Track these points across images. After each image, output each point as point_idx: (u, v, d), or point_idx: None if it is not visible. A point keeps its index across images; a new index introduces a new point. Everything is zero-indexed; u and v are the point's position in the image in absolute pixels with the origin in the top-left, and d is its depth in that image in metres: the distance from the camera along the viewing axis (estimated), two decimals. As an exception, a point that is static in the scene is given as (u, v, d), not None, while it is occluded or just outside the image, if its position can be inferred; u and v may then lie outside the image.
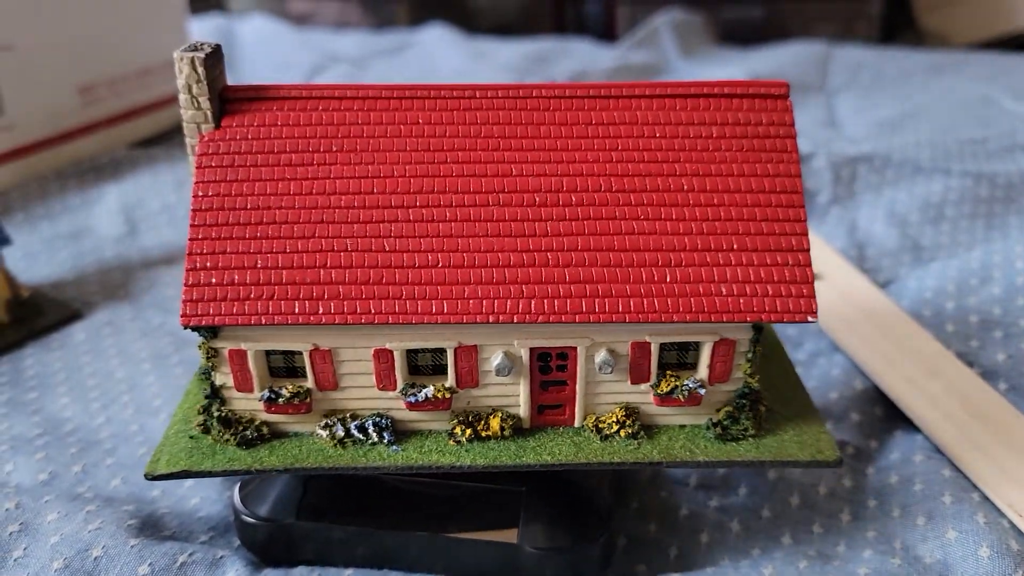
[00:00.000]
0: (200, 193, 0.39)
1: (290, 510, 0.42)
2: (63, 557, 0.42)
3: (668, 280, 0.38)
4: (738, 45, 1.38)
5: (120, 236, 0.78)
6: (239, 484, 0.44)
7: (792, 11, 1.73)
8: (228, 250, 0.38)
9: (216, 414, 0.40)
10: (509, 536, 0.41)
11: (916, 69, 1.19)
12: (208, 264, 0.38)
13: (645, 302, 0.38)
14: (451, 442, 0.41)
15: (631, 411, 0.42)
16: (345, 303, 0.38)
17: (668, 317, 0.38)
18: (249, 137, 0.40)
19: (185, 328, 0.38)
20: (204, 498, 0.49)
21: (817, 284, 0.66)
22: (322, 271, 0.38)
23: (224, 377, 0.40)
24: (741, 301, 0.38)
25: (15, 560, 0.42)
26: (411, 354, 0.40)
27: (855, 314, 0.62)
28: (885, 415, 0.54)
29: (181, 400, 0.44)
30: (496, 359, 0.40)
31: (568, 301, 0.38)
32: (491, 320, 0.38)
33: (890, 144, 0.89)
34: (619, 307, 0.38)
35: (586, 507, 0.43)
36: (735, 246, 0.39)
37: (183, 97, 0.39)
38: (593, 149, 0.40)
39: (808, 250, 0.39)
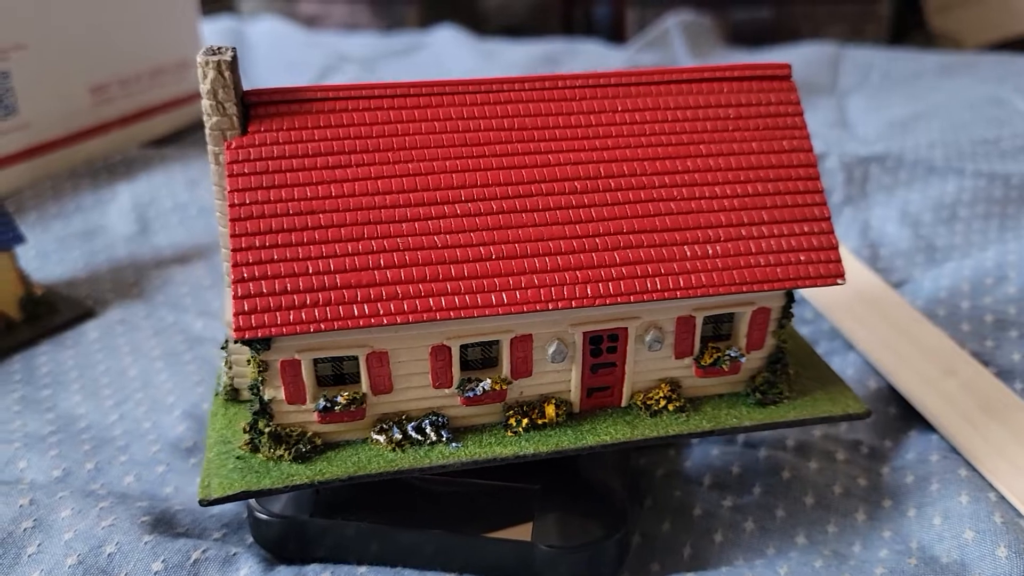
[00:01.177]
0: (237, 202, 0.38)
1: (304, 507, 0.42)
2: (77, 553, 0.42)
3: (711, 255, 0.40)
4: (748, 47, 1.38)
5: (132, 235, 0.79)
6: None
7: (801, 12, 1.72)
8: (276, 258, 0.37)
9: (266, 430, 0.39)
10: (523, 534, 0.41)
11: (927, 70, 1.18)
12: (256, 274, 0.37)
13: (693, 277, 0.40)
14: (508, 433, 0.41)
15: (675, 386, 0.43)
16: (405, 302, 0.37)
17: (715, 290, 0.40)
18: (280, 142, 0.39)
19: (237, 342, 0.37)
20: (217, 495, 0.48)
21: (830, 284, 0.66)
22: (377, 272, 0.37)
23: (274, 391, 0.39)
24: (778, 270, 0.41)
25: (29, 556, 0.42)
26: (461, 349, 0.40)
27: (869, 313, 0.62)
28: (900, 414, 0.54)
29: (209, 422, 0.43)
30: (552, 346, 0.40)
31: (622, 282, 0.39)
32: (550, 307, 0.38)
33: (902, 144, 0.89)
34: (669, 284, 0.39)
35: (601, 505, 0.43)
36: (765, 219, 0.41)
37: (207, 103, 0.38)
38: (623, 135, 0.42)
39: (829, 218, 0.42)
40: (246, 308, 0.36)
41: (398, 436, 0.40)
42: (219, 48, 0.39)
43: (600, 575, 0.42)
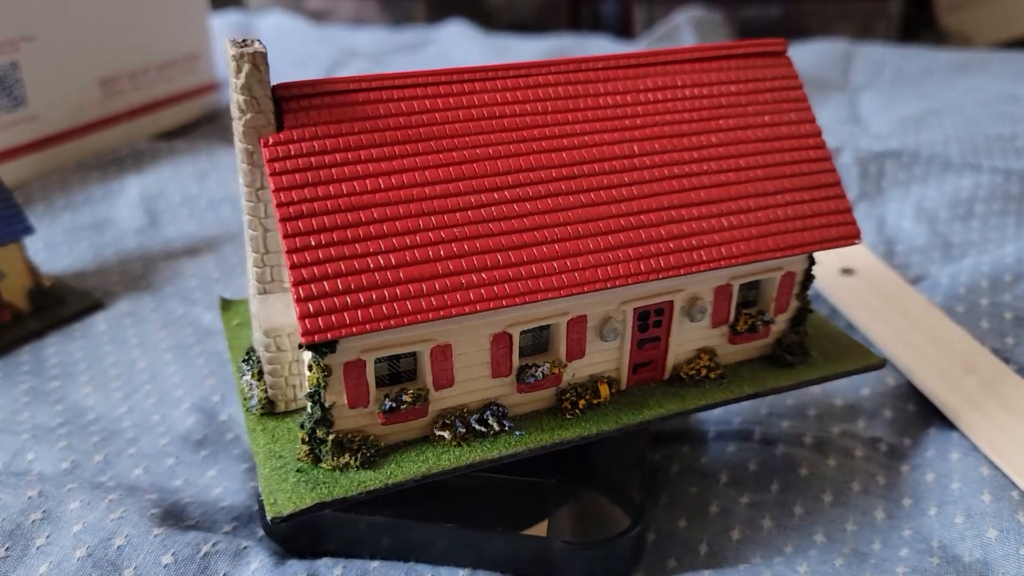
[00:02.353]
0: (284, 201, 0.36)
1: (316, 500, 0.41)
2: (86, 546, 0.41)
3: (745, 224, 0.42)
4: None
5: (141, 227, 0.78)
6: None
7: (810, 10, 1.72)
8: (333, 256, 0.36)
9: (328, 438, 0.38)
10: (539, 529, 0.40)
11: (939, 67, 1.17)
12: (316, 274, 0.35)
13: (734, 247, 0.41)
14: (567, 416, 0.41)
15: (712, 355, 0.44)
16: (471, 292, 0.36)
17: (755, 257, 0.41)
18: (320, 136, 0.37)
19: (302, 347, 0.35)
20: (227, 488, 0.48)
21: (848, 279, 0.65)
22: (439, 263, 0.36)
23: (336, 395, 0.37)
24: (804, 234, 0.43)
25: (38, 548, 0.41)
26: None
27: (887, 309, 0.61)
28: (919, 412, 0.53)
29: (250, 440, 0.41)
30: (606, 325, 0.41)
31: (671, 256, 0.40)
32: (608, 285, 0.38)
33: (917, 140, 0.88)
34: (714, 255, 0.40)
35: (617, 501, 0.42)
36: (787, 186, 0.43)
37: (242, 99, 0.36)
38: (649, 113, 0.43)
39: (839, 183, 0.44)
40: (311, 310, 0.35)
41: (462, 430, 0.39)
42: (245, 40, 0.37)
43: (616, 572, 0.42)
